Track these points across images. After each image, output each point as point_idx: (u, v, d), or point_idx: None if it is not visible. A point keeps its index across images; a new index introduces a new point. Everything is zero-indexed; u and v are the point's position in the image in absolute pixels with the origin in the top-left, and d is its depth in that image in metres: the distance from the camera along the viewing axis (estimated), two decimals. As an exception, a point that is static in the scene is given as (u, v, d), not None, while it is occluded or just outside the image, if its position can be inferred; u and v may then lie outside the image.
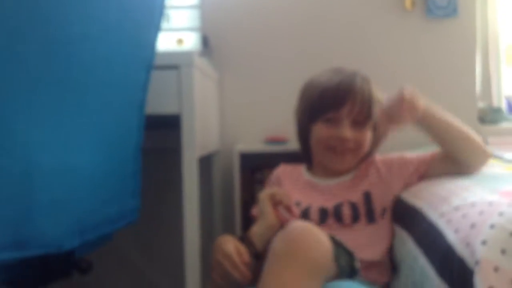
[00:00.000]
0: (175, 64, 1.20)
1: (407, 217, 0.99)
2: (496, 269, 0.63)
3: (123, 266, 1.76)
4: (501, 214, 0.70)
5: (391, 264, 1.02)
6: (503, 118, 1.75)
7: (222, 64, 1.77)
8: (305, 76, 1.19)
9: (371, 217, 1.04)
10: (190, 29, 1.75)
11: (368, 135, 1.10)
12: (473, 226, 0.72)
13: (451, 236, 0.75)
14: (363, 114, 1.07)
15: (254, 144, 1.70)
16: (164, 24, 1.33)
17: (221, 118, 1.78)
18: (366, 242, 1.00)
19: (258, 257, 0.90)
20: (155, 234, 1.75)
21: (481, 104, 1.79)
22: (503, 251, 0.65)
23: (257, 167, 1.66)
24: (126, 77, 1.03)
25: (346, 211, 1.04)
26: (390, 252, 1.03)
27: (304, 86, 1.18)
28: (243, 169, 1.60)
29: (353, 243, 0.90)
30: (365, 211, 1.04)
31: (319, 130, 1.10)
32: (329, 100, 1.07)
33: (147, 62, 1.06)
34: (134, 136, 1.09)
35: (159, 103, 1.20)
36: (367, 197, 1.06)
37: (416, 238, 0.90)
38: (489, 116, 1.72)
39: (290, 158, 1.35)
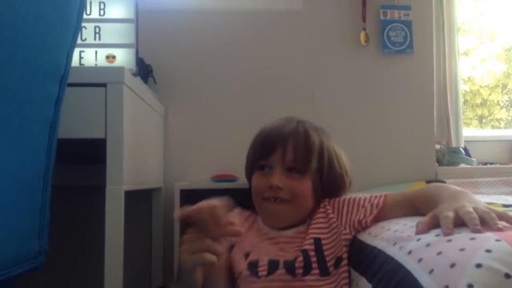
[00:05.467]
0: (103, 81, 0.99)
1: (366, 260, 0.77)
2: (492, 324, 0.42)
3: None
4: (489, 250, 0.50)
5: None
6: (461, 159, 1.58)
7: (167, 97, 1.58)
8: (257, 112, 1.07)
9: (323, 269, 0.84)
10: (123, 45, 1.33)
11: (307, 184, 0.94)
12: (453, 265, 0.50)
13: (425, 278, 0.53)
14: (299, 161, 0.93)
15: (199, 181, 1.47)
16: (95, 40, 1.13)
17: (166, 153, 1.55)
18: None
19: None
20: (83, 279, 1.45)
21: (438, 146, 1.63)
22: (496, 299, 0.44)
23: (202, 206, 1.42)
24: (33, 87, 0.81)
25: (299, 262, 0.85)
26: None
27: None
28: (186, 209, 1.36)
29: None
30: (317, 260, 0.85)
31: (255, 180, 0.97)
32: (259, 147, 0.97)
33: (59, 71, 0.84)
34: (41, 161, 0.85)
35: (83, 126, 0.99)
36: (318, 243, 0.87)
37: (377, 284, 0.67)
38: (446, 158, 1.56)
39: (238, 196, 1.13)
